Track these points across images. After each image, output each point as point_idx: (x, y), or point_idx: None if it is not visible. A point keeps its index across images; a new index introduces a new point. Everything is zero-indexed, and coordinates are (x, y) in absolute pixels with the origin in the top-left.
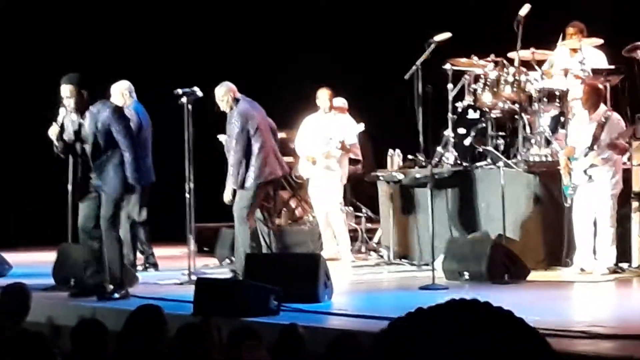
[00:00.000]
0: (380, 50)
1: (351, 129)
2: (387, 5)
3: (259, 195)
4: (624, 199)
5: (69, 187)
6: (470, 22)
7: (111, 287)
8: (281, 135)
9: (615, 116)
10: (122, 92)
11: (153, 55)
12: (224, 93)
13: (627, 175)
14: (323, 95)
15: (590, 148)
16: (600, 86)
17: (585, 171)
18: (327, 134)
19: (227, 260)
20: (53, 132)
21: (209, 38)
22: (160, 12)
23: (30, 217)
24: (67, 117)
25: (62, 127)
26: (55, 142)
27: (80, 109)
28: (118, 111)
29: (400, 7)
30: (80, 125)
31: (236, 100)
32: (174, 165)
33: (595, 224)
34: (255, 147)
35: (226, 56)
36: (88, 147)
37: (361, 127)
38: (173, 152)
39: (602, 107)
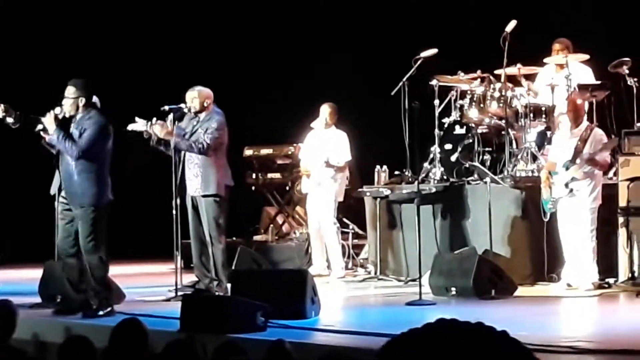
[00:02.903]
0: (367, 66)
1: (344, 147)
2: (374, 21)
3: None
4: (610, 214)
5: (56, 204)
6: (456, 38)
7: (96, 304)
8: (268, 151)
9: (599, 132)
10: None
11: (151, 69)
12: (208, 96)
13: (613, 190)
14: (323, 111)
15: (572, 161)
16: (579, 101)
17: (566, 184)
18: (321, 150)
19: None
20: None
21: (208, 53)
22: (163, 27)
23: (16, 235)
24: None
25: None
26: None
27: (72, 114)
28: (104, 124)
29: (386, 23)
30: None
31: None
32: (160, 181)
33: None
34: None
35: (218, 73)
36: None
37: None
38: (159, 168)
39: (585, 123)
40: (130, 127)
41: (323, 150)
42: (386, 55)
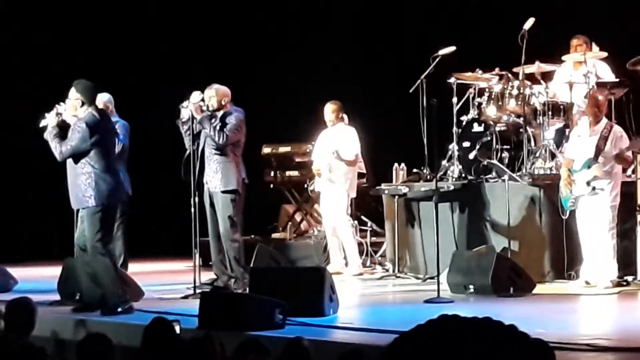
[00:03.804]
0: (385, 64)
1: (353, 141)
2: (392, 19)
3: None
4: (629, 212)
5: None
6: (474, 36)
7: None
8: (286, 148)
9: (618, 129)
10: (105, 105)
11: (160, 67)
12: (226, 94)
13: (631, 188)
14: (326, 109)
15: (595, 160)
16: (601, 99)
17: (588, 182)
18: (330, 147)
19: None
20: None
21: (215, 51)
22: (170, 28)
23: (36, 232)
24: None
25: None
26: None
27: (74, 115)
28: (84, 131)
29: (405, 20)
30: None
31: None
32: (178, 179)
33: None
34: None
35: (230, 70)
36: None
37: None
38: (176, 166)
39: (604, 120)
40: (189, 104)
41: (331, 146)
42: (404, 52)
